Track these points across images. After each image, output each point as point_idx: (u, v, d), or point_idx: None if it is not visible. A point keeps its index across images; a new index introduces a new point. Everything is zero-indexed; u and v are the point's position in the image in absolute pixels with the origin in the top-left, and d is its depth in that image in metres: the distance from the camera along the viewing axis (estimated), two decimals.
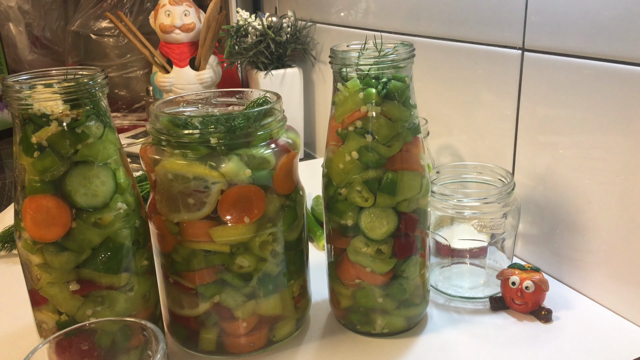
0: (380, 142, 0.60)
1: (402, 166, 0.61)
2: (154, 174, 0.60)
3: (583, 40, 0.67)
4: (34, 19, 1.80)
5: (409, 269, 0.64)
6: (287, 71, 1.28)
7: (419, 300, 0.67)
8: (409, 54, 0.60)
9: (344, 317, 0.68)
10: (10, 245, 0.90)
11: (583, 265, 0.73)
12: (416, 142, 0.62)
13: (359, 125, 0.60)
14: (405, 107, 0.60)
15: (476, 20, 0.83)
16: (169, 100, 0.67)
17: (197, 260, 0.60)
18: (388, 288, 0.64)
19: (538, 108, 0.75)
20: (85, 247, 0.56)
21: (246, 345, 0.64)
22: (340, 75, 0.61)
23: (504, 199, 0.71)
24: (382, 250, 0.62)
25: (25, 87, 0.54)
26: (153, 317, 0.64)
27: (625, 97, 0.64)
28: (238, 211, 0.58)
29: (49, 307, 0.58)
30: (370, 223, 0.61)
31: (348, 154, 0.61)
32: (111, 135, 0.58)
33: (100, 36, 1.63)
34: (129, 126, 1.56)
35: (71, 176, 0.55)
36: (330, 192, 0.64)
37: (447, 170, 0.79)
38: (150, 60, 1.36)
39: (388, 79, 0.59)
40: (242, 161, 0.58)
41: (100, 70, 0.57)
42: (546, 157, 0.75)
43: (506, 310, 0.71)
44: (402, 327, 0.67)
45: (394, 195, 0.61)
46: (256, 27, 1.25)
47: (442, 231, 0.74)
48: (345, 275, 0.65)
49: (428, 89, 0.95)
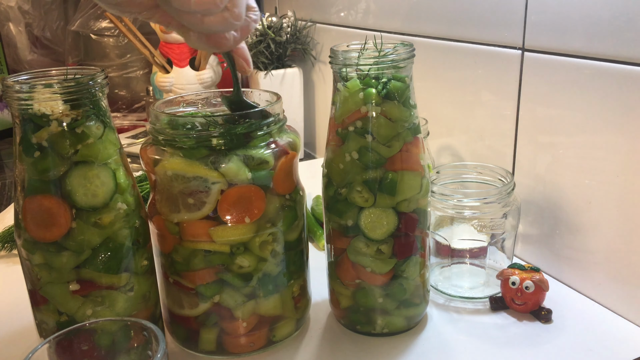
0: (380, 142, 0.60)
1: (402, 166, 0.61)
2: (154, 174, 0.60)
3: (583, 40, 0.67)
4: (34, 19, 1.80)
5: (409, 269, 0.64)
6: (287, 71, 1.28)
7: (419, 300, 0.67)
8: (409, 54, 0.60)
9: (344, 317, 0.68)
10: (10, 245, 0.90)
11: (583, 265, 0.73)
12: (416, 142, 0.62)
13: (359, 126, 0.60)
14: (405, 107, 0.60)
15: (476, 20, 0.83)
16: (169, 100, 0.67)
17: (197, 260, 0.60)
18: (388, 288, 0.64)
19: (538, 108, 0.75)
20: (85, 247, 0.56)
21: (246, 345, 0.64)
22: (340, 75, 0.61)
23: (504, 199, 0.71)
24: (382, 250, 0.62)
25: (25, 87, 0.54)
26: (153, 317, 0.64)
27: (625, 97, 0.64)
28: (238, 211, 0.58)
29: (49, 307, 0.58)
30: (370, 223, 0.61)
31: (348, 154, 0.61)
32: (111, 135, 0.58)
33: (100, 36, 1.63)
34: (129, 126, 1.56)
35: (71, 176, 0.55)
36: (330, 192, 0.64)
37: (447, 170, 0.79)
38: (150, 60, 1.36)
39: (388, 79, 0.59)
40: (242, 161, 0.58)
41: (100, 70, 0.57)
42: (546, 157, 0.75)
43: (506, 310, 0.71)
44: (402, 327, 0.67)
45: (393, 196, 0.61)
46: (256, 27, 1.25)
47: (442, 231, 0.74)
48: (345, 275, 0.65)
49: (428, 89, 0.95)
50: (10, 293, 0.79)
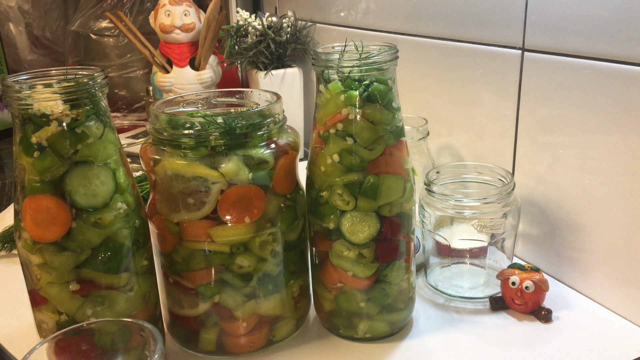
0: (361, 145, 0.59)
1: (384, 169, 0.60)
2: (154, 174, 0.60)
3: (583, 40, 0.67)
4: (34, 19, 1.80)
5: (392, 274, 0.64)
6: (287, 71, 1.28)
7: (403, 305, 0.66)
8: (391, 57, 0.59)
9: (327, 320, 0.68)
10: (10, 245, 0.90)
11: (583, 265, 0.73)
12: (399, 146, 0.62)
13: (340, 128, 0.60)
14: (388, 110, 0.60)
15: (476, 20, 0.83)
16: (169, 100, 0.67)
17: (197, 260, 0.60)
18: (370, 292, 0.64)
19: (538, 108, 0.75)
20: (85, 247, 0.56)
21: (246, 345, 0.64)
22: (322, 77, 0.60)
23: (504, 199, 0.71)
24: (363, 254, 0.62)
25: (25, 87, 0.54)
26: (153, 317, 0.64)
27: (625, 97, 0.64)
28: (238, 211, 0.58)
29: (49, 307, 0.58)
30: (352, 227, 0.61)
31: (329, 156, 0.60)
32: (111, 135, 0.58)
33: (100, 36, 1.63)
34: (129, 126, 1.56)
35: (71, 176, 0.55)
36: (312, 194, 0.63)
37: (447, 170, 0.79)
38: (150, 60, 1.36)
39: (371, 81, 0.59)
40: (242, 161, 0.58)
41: (100, 70, 0.57)
42: (546, 157, 0.75)
43: (506, 310, 0.71)
44: (385, 332, 0.66)
45: (375, 199, 0.60)
46: (256, 27, 1.25)
47: (442, 231, 0.74)
48: (327, 278, 0.65)
49: (428, 89, 0.95)
50: (10, 293, 0.79)
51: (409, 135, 0.77)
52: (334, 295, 0.65)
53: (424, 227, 0.76)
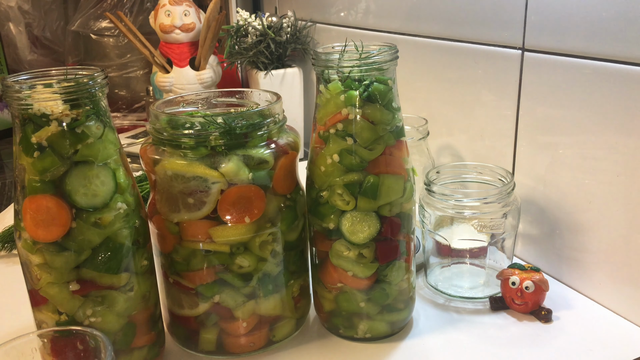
0: (361, 145, 0.59)
1: (384, 169, 0.60)
2: (154, 174, 0.60)
3: (583, 40, 0.67)
4: (34, 19, 1.80)
5: (392, 274, 0.64)
6: (287, 71, 1.28)
7: (403, 305, 0.66)
8: (391, 57, 0.59)
9: (327, 320, 0.68)
10: (10, 245, 0.90)
11: (583, 265, 0.73)
12: (399, 146, 0.62)
13: (340, 128, 0.60)
14: (388, 110, 0.60)
15: (476, 20, 0.83)
16: (169, 100, 0.67)
17: (197, 260, 0.60)
18: (370, 292, 0.64)
19: (538, 108, 0.75)
20: (85, 247, 0.56)
21: (246, 345, 0.64)
22: (322, 77, 0.60)
23: (504, 199, 0.71)
24: (363, 254, 0.62)
25: (25, 87, 0.54)
26: (153, 317, 0.63)
27: (625, 97, 0.64)
28: (238, 211, 0.58)
29: (49, 307, 0.58)
30: (352, 227, 0.61)
31: (329, 156, 0.60)
32: (111, 135, 0.58)
33: (100, 36, 1.63)
34: (129, 126, 1.56)
35: (71, 176, 0.55)
36: (312, 194, 0.63)
37: (447, 170, 0.79)
38: (150, 60, 1.36)
39: (371, 81, 0.59)
40: (242, 161, 0.58)
41: (100, 70, 0.57)
42: (546, 157, 0.75)
43: (506, 310, 0.71)
44: (385, 332, 0.67)
45: (375, 199, 0.60)
46: (256, 27, 1.25)
47: (442, 231, 0.74)
48: (327, 278, 0.65)
49: (428, 89, 0.95)
50: (10, 293, 0.79)
51: (409, 135, 0.77)
52: (334, 295, 0.65)
53: (424, 227, 0.76)
